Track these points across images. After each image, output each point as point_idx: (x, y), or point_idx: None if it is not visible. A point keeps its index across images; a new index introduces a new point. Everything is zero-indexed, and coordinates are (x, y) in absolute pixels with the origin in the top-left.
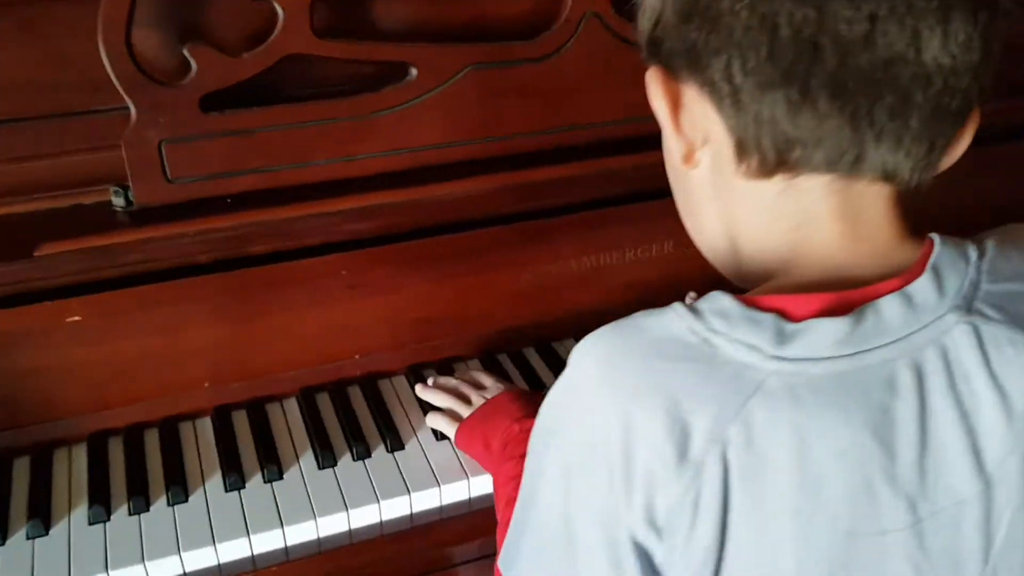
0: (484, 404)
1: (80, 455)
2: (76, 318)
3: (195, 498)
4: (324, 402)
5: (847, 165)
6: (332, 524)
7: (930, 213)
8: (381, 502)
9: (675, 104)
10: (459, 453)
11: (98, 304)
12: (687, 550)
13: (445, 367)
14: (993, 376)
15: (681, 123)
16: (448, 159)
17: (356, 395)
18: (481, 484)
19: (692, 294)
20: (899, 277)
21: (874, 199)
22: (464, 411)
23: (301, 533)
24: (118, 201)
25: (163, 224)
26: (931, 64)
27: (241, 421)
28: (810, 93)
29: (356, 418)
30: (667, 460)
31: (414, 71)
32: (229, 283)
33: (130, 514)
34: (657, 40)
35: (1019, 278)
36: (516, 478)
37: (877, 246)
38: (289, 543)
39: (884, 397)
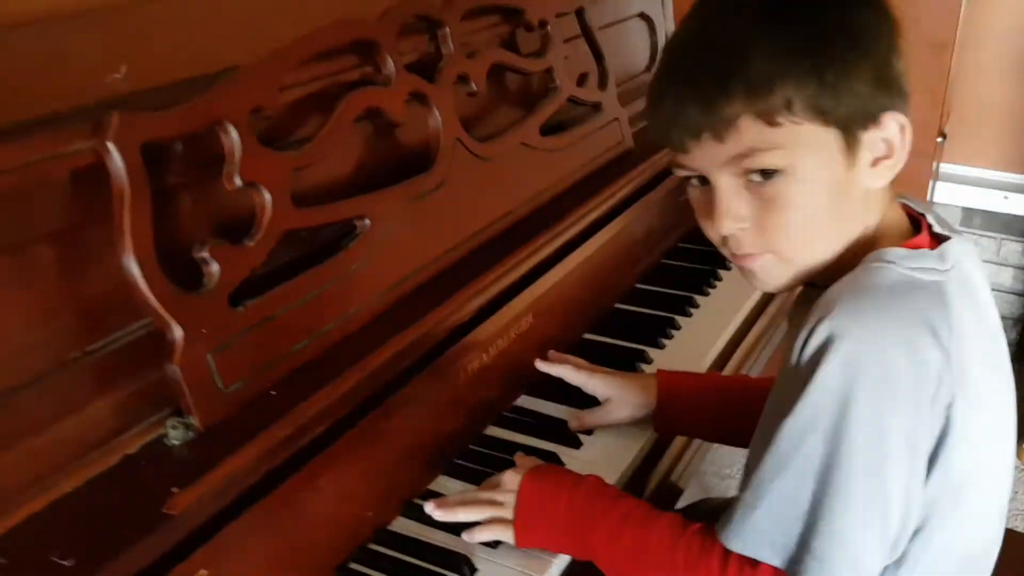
0: (521, 497)
1: None
2: (203, 573)
3: None
4: None
5: None
6: None
7: None
8: None
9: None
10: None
11: (219, 550)
12: (954, 414)
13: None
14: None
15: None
16: (406, 290)
17: None
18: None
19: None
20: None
21: None
22: (505, 512)
23: None
24: (177, 435)
25: (257, 435)
26: None
27: None
28: None
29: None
30: (939, 361)
31: (367, 221)
32: (301, 480)
33: None
34: (826, 109)
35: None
36: (627, 516)
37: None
38: None
39: (971, 281)
